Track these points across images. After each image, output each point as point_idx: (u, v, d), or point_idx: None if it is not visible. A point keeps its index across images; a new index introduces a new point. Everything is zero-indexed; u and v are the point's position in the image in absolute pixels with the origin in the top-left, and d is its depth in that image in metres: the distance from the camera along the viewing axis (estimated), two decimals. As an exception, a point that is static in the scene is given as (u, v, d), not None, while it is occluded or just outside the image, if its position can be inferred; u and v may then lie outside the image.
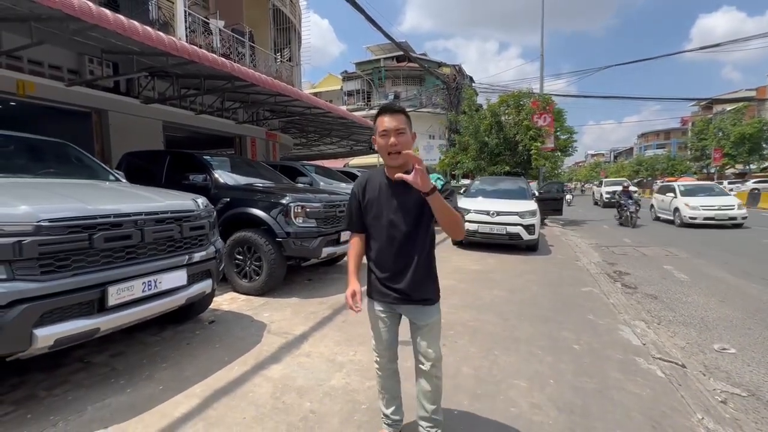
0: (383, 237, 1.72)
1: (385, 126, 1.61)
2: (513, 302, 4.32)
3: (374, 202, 1.73)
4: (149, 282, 2.48)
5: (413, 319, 1.77)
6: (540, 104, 13.63)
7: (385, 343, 1.84)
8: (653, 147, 69.69)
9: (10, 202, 2.06)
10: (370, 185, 1.77)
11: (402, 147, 1.60)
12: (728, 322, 4.00)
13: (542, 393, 2.45)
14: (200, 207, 3.04)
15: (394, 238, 1.69)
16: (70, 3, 3.74)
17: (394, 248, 1.70)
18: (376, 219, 1.73)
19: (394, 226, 1.68)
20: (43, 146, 3.59)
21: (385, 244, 1.72)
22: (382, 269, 1.75)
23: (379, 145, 1.65)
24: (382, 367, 1.88)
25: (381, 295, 1.78)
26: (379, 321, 1.81)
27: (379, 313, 1.81)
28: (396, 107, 1.67)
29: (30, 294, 1.94)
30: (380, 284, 1.76)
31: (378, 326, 1.82)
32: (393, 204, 1.69)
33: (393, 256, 1.71)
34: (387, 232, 1.70)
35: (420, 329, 1.76)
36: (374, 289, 1.80)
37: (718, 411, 2.35)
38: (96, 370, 2.67)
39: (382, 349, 1.85)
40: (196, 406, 2.25)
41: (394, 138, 1.60)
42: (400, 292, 1.73)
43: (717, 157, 33.12)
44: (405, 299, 1.73)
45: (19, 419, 2.11)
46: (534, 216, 7.25)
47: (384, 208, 1.71)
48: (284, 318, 3.73)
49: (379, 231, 1.73)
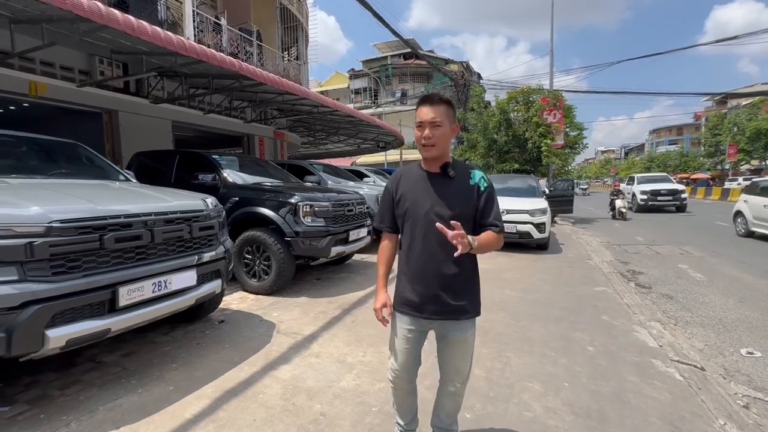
0: (419, 236, 1.54)
1: (421, 117, 1.53)
2: (525, 302, 4.25)
3: (409, 195, 1.58)
4: (159, 282, 2.47)
5: (448, 334, 1.59)
6: (550, 100, 13.43)
7: (406, 364, 1.64)
8: (665, 143, 68.43)
9: (21, 204, 2.06)
10: (405, 178, 1.64)
11: (436, 140, 1.51)
12: (748, 323, 3.88)
13: (557, 396, 2.39)
14: (209, 207, 3.03)
15: (433, 238, 1.49)
16: (80, 4, 3.76)
17: (435, 249, 1.51)
18: (413, 213, 1.56)
19: (433, 222, 1.46)
20: (55, 147, 3.62)
21: (424, 245, 1.53)
22: (419, 275, 1.55)
23: (416, 136, 1.57)
24: (399, 387, 1.70)
25: (413, 308, 1.57)
26: (405, 339, 1.61)
27: (405, 331, 1.60)
28: (437, 97, 1.54)
29: (42, 295, 1.94)
30: (415, 294, 1.56)
31: (401, 344, 1.62)
32: (432, 196, 1.54)
33: (434, 259, 1.51)
34: (424, 230, 1.52)
35: (453, 345, 1.60)
36: (405, 300, 1.60)
37: (741, 416, 2.27)
38: (107, 370, 2.68)
39: (401, 369, 1.65)
40: (207, 407, 2.24)
41: (429, 130, 1.51)
42: (439, 301, 1.53)
43: (732, 152, 32.39)
44: (443, 311, 1.54)
45: (33, 419, 2.12)
46: (544, 214, 7.15)
47: (421, 199, 1.55)
48: (293, 318, 3.72)
49: (414, 229, 1.55)
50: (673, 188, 15.91)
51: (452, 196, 1.54)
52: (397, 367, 1.65)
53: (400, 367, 1.65)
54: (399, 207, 1.62)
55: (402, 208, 1.60)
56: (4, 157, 3.05)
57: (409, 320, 1.60)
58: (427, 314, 1.56)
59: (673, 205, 15.75)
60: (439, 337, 1.63)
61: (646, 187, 16.08)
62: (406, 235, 1.61)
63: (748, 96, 34.49)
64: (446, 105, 1.54)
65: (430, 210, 1.52)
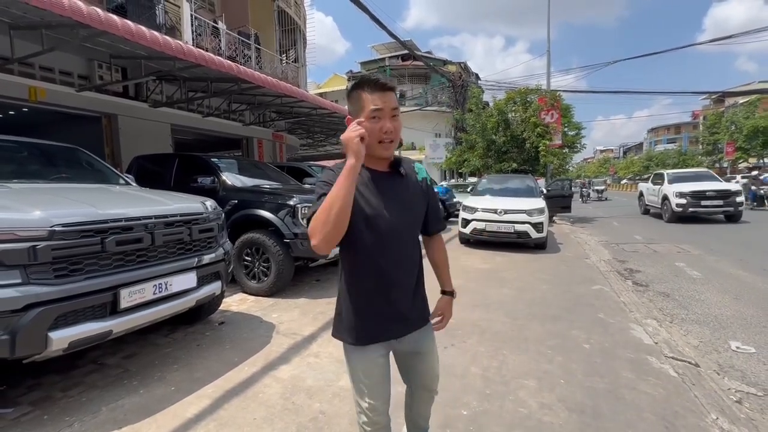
0: (385, 246, 1.27)
1: (377, 104, 1.20)
2: (522, 301, 4.29)
3: (364, 203, 1.24)
4: (160, 284, 2.51)
5: (416, 348, 1.42)
6: (547, 101, 13.50)
7: (385, 395, 1.39)
8: (663, 142, 68.60)
9: (23, 208, 2.10)
10: None
11: (397, 135, 1.25)
12: (743, 320, 3.92)
13: (552, 393, 2.43)
14: (209, 209, 3.07)
15: (396, 246, 1.29)
16: (79, 10, 3.81)
17: (397, 258, 1.30)
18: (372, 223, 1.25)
19: (396, 231, 1.28)
20: (55, 151, 3.66)
21: (386, 255, 1.27)
22: (383, 291, 1.29)
23: (368, 128, 1.18)
24: (382, 427, 1.40)
25: (380, 332, 1.33)
26: (377, 367, 1.35)
27: (376, 359, 1.34)
28: (389, 82, 1.25)
29: (44, 297, 1.98)
30: (379, 316, 1.32)
31: (374, 376, 1.35)
32: (390, 203, 1.27)
33: (397, 270, 1.30)
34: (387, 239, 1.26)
35: (423, 355, 1.45)
36: (368, 328, 1.32)
37: (733, 411, 2.31)
38: (109, 372, 2.72)
39: (381, 404, 1.37)
40: (208, 407, 2.27)
41: (390, 123, 1.22)
42: (405, 316, 1.35)
43: (729, 151, 32.48)
44: (409, 324, 1.37)
45: (36, 420, 2.16)
46: (542, 214, 7.19)
47: (378, 208, 1.25)
48: (293, 319, 3.75)
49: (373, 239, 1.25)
50: (724, 189, 11.20)
51: (410, 198, 1.33)
52: (374, 404, 1.35)
53: (380, 402, 1.37)
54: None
55: (356, 216, 1.19)
56: (6, 162, 3.09)
57: (378, 350, 1.35)
58: (394, 334, 1.36)
59: (724, 212, 11.20)
60: (410, 352, 1.44)
61: (684, 188, 11.43)
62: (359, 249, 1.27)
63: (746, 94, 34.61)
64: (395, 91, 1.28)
65: (393, 216, 1.26)
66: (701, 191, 11.22)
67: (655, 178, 13.76)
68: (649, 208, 13.87)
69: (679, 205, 11.29)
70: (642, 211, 14.58)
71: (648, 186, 14.07)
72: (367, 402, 1.35)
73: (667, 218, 11.78)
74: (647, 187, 14.11)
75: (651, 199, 13.45)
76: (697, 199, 11.13)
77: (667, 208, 11.80)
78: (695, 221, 11.48)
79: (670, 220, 11.62)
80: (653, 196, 13.13)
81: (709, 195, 11.12)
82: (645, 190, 14.34)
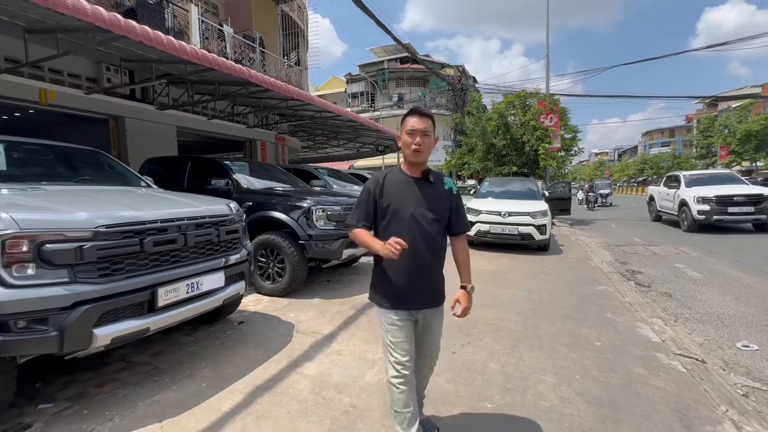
0: (407, 235, 1.65)
1: (413, 125, 1.72)
2: (531, 301, 4.41)
3: (395, 197, 1.74)
4: (192, 284, 2.60)
5: (430, 322, 1.81)
6: (547, 105, 13.70)
7: (410, 351, 1.75)
8: (658, 145, 69.41)
9: (68, 210, 2.18)
10: (390, 182, 1.79)
11: (424, 148, 1.73)
12: (745, 319, 4.07)
13: (570, 387, 2.54)
14: (233, 211, 3.17)
15: (419, 236, 1.70)
16: (101, 16, 3.89)
17: (420, 246, 1.69)
18: (397, 216, 1.72)
19: (420, 223, 1.71)
20: (77, 154, 3.73)
21: (414, 247, 1.65)
22: (407, 271, 1.71)
23: (404, 141, 1.74)
24: (407, 381, 1.74)
25: (403, 302, 1.74)
26: (402, 330, 1.74)
27: (401, 322, 1.74)
28: (425, 111, 1.77)
29: (90, 296, 2.07)
30: (407, 288, 1.73)
31: (401, 335, 1.73)
32: (417, 202, 1.74)
33: (419, 256, 1.70)
34: (411, 229, 1.69)
35: (432, 330, 1.84)
36: (393, 296, 1.74)
37: (741, 403, 2.43)
38: (139, 369, 2.79)
39: (407, 358, 1.73)
40: (241, 402, 2.36)
41: (420, 138, 1.72)
42: (425, 294, 1.76)
43: (723, 154, 32.98)
44: (427, 300, 1.78)
45: (77, 414, 2.23)
46: (545, 216, 7.34)
47: (407, 204, 1.73)
48: (310, 318, 3.84)
49: (401, 228, 1.69)
50: (756, 193, 9.63)
51: (434, 200, 1.77)
52: (401, 359, 1.72)
53: (407, 356, 1.73)
54: (383, 207, 1.75)
55: (388, 209, 1.74)
56: (35, 165, 3.17)
57: (401, 313, 1.75)
58: (416, 305, 1.77)
59: (755, 220, 9.63)
60: (422, 326, 1.82)
61: (706, 192, 9.86)
62: (389, 232, 1.70)
63: (738, 99, 35.20)
64: (432, 119, 1.77)
65: (416, 211, 1.73)
66: (728, 196, 9.58)
67: (669, 181, 12.09)
68: (662, 215, 12.39)
69: (702, 212, 9.66)
70: (653, 217, 13.12)
71: (660, 189, 12.49)
72: (394, 356, 1.75)
73: (687, 227, 10.15)
74: (659, 190, 12.61)
75: (664, 204, 11.93)
76: (723, 205, 9.51)
77: (686, 216, 10.19)
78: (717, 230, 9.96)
79: (690, 229, 10.01)
80: (667, 201, 11.62)
81: (738, 200, 9.49)
82: (656, 194, 12.80)
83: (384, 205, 1.75)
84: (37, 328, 1.93)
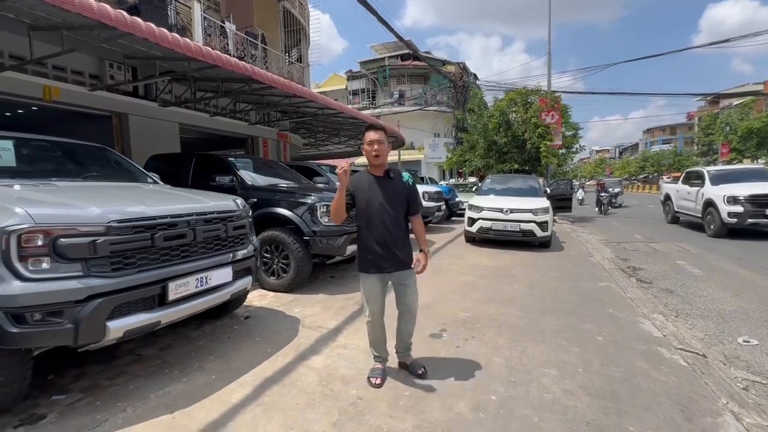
0: (376, 219, 2.36)
1: (371, 138, 2.40)
2: (533, 296, 4.45)
3: (365, 193, 2.40)
4: (201, 278, 2.64)
5: (401, 281, 2.46)
6: (548, 102, 13.70)
7: (380, 308, 2.50)
8: (659, 142, 69.29)
9: (81, 205, 2.22)
10: (359, 182, 2.44)
11: (382, 152, 2.40)
12: (745, 314, 4.11)
13: (573, 380, 2.59)
14: (240, 207, 3.20)
15: (386, 219, 2.37)
16: (107, 13, 3.91)
17: (387, 226, 2.37)
18: (369, 205, 2.38)
19: (385, 210, 2.38)
20: (86, 151, 3.76)
21: (379, 225, 2.36)
22: (384, 245, 2.37)
23: (366, 150, 2.42)
24: (376, 324, 2.52)
25: (378, 268, 2.40)
26: (375, 290, 2.45)
27: (375, 285, 2.44)
28: (379, 125, 2.56)
29: (103, 289, 2.11)
30: (382, 258, 2.38)
31: (374, 295, 2.46)
32: (382, 194, 2.39)
33: (391, 234, 2.38)
34: (379, 215, 2.37)
35: (406, 287, 2.48)
36: (375, 264, 2.40)
37: (742, 396, 2.48)
38: (149, 362, 2.84)
39: (377, 309, 2.49)
40: (251, 393, 2.41)
41: (377, 146, 2.39)
42: (394, 260, 2.40)
43: (724, 152, 32.92)
44: (397, 265, 2.42)
45: (90, 405, 2.28)
46: (547, 213, 7.37)
47: (375, 197, 2.39)
48: (315, 313, 3.89)
49: (371, 215, 2.38)
50: None
51: (395, 191, 2.43)
52: (374, 311, 2.49)
53: (377, 311, 2.49)
54: (358, 199, 2.41)
55: (362, 200, 2.41)
56: (45, 161, 3.21)
57: (376, 277, 2.43)
58: (389, 269, 2.41)
59: None
60: (397, 283, 2.48)
61: (738, 190, 8.49)
62: (362, 218, 2.42)
63: (740, 96, 35.13)
64: (384, 130, 2.46)
65: (383, 201, 2.39)
66: (765, 195, 8.16)
67: (690, 178, 10.55)
68: (679, 216, 10.97)
69: (734, 215, 8.31)
70: (669, 219, 11.63)
71: (678, 187, 10.95)
72: (369, 310, 2.51)
73: (714, 231, 8.79)
74: (677, 188, 11.05)
75: (683, 204, 10.51)
76: (760, 206, 8.11)
77: (712, 218, 8.83)
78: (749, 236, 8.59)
79: (718, 234, 8.66)
80: (687, 201, 10.20)
81: None
82: (674, 192, 11.25)
83: (358, 197, 2.41)
84: (53, 320, 1.97)
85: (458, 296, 4.41)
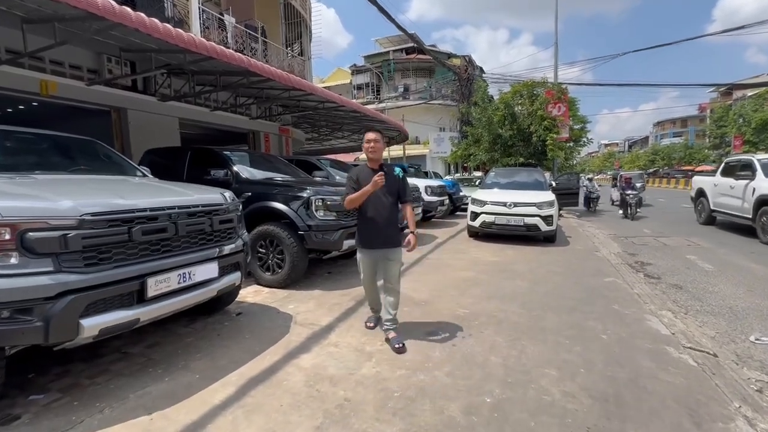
0: (374, 207, 2.88)
1: (369, 138, 2.93)
2: (536, 293, 4.30)
3: (365, 183, 2.82)
4: (184, 274, 2.54)
5: (389, 257, 2.93)
6: (555, 94, 13.39)
7: (371, 276, 3.08)
8: (669, 135, 67.98)
9: (53, 198, 2.12)
10: (362, 174, 2.93)
11: (377, 150, 2.94)
12: (758, 311, 3.92)
13: (573, 382, 2.45)
14: (228, 201, 3.09)
15: (382, 207, 2.89)
16: (94, 3, 3.80)
17: (383, 213, 2.89)
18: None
19: (380, 200, 2.88)
20: (73, 144, 3.68)
21: (376, 211, 2.88)
22: (375, 227, 2.89)
23: (365, 147, 2.94)
24: (368, 287, 3.16)
25: (372, 245, 2.94)
26: (368, 263, 3.02)
27: (368, 258, 3.00)
28: (377, 129, 3.00)
29: (76, 285, 2.01)
30: (373, 237, 2.92)
31: (366, 264, 3.03)
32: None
33: (382, 218, 2.89)
34: (376, 203, 2.88)
35: (392, 262, 2.95)
36: (368, 241, 2.95)
37: (755, 399, 2.32)
38: (134, 360, 2.75)
39: (368, 276, 3.07)
40: (234, 394, 2.31)
41: (374, 144, 2.92)
42: (386, 239, 2.91)
43: (737, 144, 32.09)
44: (386, 243, 2.91)
45: (68, 406, 2.20)
46: (552, 207, 7.17)
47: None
48: (309, 310, 3.78)
49: (371, 203, 2.87)
50: None
51: (388, 183, 2.85)
52: (365, 277, 3.09)
53: (367, 277, 3.09)
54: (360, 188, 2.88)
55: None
56: (27, 154, 3.12)
57: (369, 252, 2.98)
58: (377, 246, 2.94)
59: None
60: (383, 258, 2.95)
61: None
62: (366, 207, 2.91)
63: (754, 86, 34.16)
64: (380, 133, 2.99)
65: (378, 191, 2.82)
66: None
67: (732, 170, 8.41)
68: (716, 215, 9.11)
69: None
70: (703, 219, 9.60)
71: (718, 181, 8.89)
72: (362, 277, 3.11)
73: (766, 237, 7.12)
74: (714, 182, 9.05)
75: (724, 202, 8.56)
76: None
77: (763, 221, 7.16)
78: None
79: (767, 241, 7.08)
80: (731, 198, 8.23)
81: None
82: (710, 187, 9.24)
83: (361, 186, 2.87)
84: (21, 318, 1.88)
85: (457, 292, 4.27)
